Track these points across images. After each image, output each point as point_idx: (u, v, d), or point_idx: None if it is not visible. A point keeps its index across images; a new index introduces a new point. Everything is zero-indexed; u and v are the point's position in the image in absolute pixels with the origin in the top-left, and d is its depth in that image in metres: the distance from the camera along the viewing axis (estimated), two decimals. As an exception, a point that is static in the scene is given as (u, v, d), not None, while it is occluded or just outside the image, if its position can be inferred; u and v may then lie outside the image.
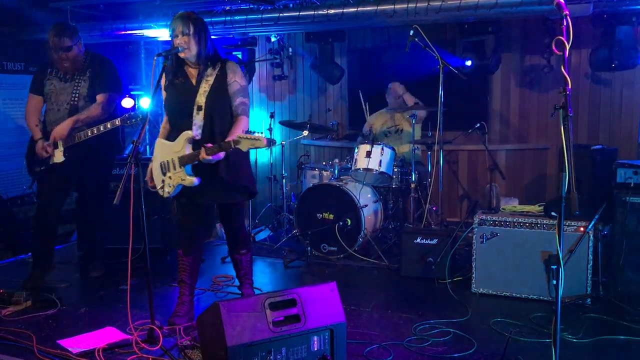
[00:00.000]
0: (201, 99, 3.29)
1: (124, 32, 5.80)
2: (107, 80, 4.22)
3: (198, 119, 3.29)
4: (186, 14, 3.30)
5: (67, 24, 4.18)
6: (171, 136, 3.41)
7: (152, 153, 4.22)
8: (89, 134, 4.05)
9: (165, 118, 3.51)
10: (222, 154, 3.18)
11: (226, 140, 3.19)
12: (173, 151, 3.31)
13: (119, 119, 3.88)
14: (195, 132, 3.28)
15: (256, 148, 3.11)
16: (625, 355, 3.11)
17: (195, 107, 3.29)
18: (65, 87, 4.14)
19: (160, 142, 3.44)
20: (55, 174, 4.15)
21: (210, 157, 3.15)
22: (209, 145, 3.17)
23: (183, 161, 3.26)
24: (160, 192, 3.40)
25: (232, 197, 3.46)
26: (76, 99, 4.13)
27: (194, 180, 3.27)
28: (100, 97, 4.16)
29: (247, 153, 3.47)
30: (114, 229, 4.63)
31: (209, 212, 3.64)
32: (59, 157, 4.10)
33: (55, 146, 4.10)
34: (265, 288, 4.14)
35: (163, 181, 3.37)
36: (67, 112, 4.12)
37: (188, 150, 3.26)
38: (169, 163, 3.34)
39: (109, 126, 3.99)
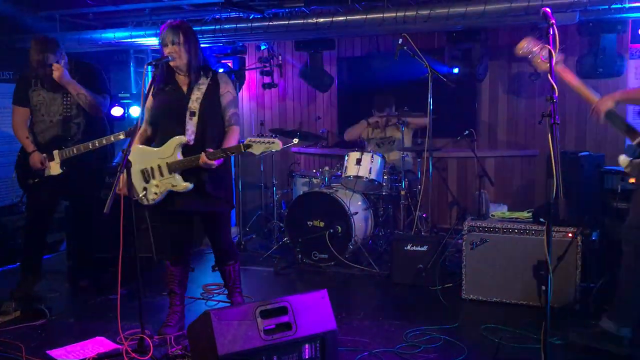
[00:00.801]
0: (194, 105, 3.29)
1: (113, 41, 5.79)
2: (97, 84, 4.20)
3: (191, 124, 3.28)
4: (176, 23, 3.31)
5: (47, 39, 4.08)
6: (155, 142, 3.38)
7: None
8: (90, 147, 4.04)
9: (144, 124, 3.45)
10: (220, 161, 3.19)
11: (230, 145, 3.20)
12: (159, 157, 3.28)
13: (123, 132, 3.89)
14: (189, 137, 3.27)
15: (270, 152, 3.10)
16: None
17: (188, 113, 3.28)
18: (55, 97, 4.11)
19: (139, 148, 3.37)
20: (49, 186, 4.13)
21: (213, 162, 3.15)
22: (210, 150, 3.17)
23: (175, 167, 3.25)
24: (143, 199, 3.33)
25: (216, 206, 3.42)
26: (68, 109, 4.11)
27: (188, 186, 3.25)
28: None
29: (230, 165, 3.49)
30: (104, 238, 4.61)
31: (192, 219, 3.60)
32: (55, 169, 4.08)
33: (51, 158, 4.08)
34: (256, 296, 4.13)
35: (145, 188, 3.32)
36: (61, 123, 4.10)
37: (179, 156, 3.26)
38: (153, 169, 3.30)
39: (112, 139, 3.98)
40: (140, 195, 3.32)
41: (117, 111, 6.08)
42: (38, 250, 4.26)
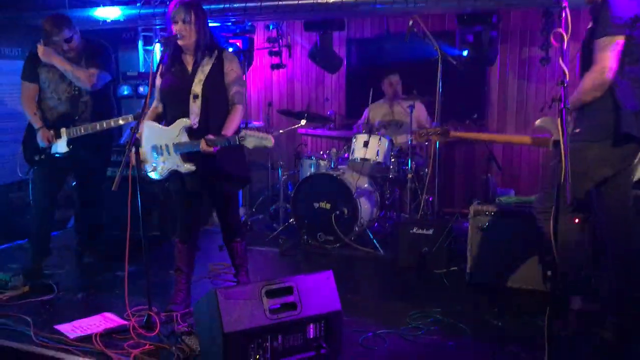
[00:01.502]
0: (197, 88, 3.29)
1: (121, 19, 5.76)
2: (99, 59, 4.18)
3: (195, 107, 3.29)
4: (188, 1, 3.29)
5: (61, 15, 4.10)
6: (164, 121, 3.42)
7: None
8: (97, 128, 4.06)
9: (155, 102, 3.51)
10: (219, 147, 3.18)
11: (227, 133, 3.20)
12: (168, 136, 3.31)
13: (131, 115, 3.91)
14: (193, 120, 3.28)
15: (263, 147, 3.08)
16: (617, 348, 3.14)
17: (191, 96, 3.29)
18: (64, 75, 4.12)
19: (151, 124, 3.41)
20: (55, 163, 4.15)
21: (211, 149, 3.15)
22: (210, 136, 3.16)
23: (180, 148, 3.27)
24: (151, 174, 3.40)
25: (227, 186, 3.46)
26: (75, 87, 4.12)
27: (191, 167, 3.29)
28: (91, 70, 4.13)
29: None
30: (111, 216, 4.66)
31: (204, 199, 3.65)
32: (62, 147, 4.10)
33: (59, 136, 4.10)
34: (261, 276, 4.16)
35: (154, 164, 3.38)
36: (69, 101, 4.12)
37: (184, 138, 3.27)
38: (162, 147, 3.34)
39: (120, 122, 4.01)
40: (150, 170, 3.39)
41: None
42: (46, 227, 4.30)
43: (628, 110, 2.84)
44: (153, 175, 3.41)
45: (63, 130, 4.10)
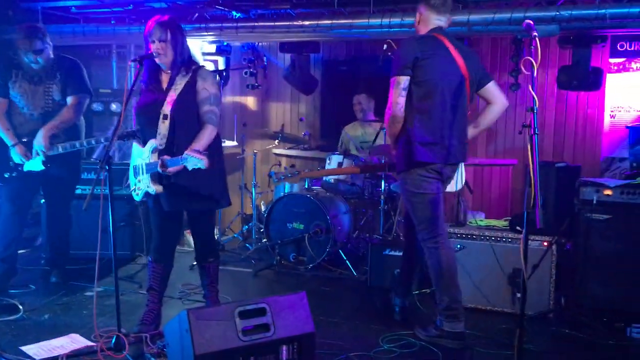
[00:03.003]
0: (167, 108, 3.23)
1: (96, 35, 5.73)
2: (78, 83, 4.18)
3: (163, 128, 3.23)
4: (164, 19, 3.29)
5: (36, 26, 4.08)
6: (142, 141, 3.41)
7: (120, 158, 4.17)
8: (77, 146, 4.04)
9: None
10: (177, 168, 3.07)
11: (194, 150, 3.07)
12: (141, 157, 3.32)
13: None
14: (160, 141, 3.23)
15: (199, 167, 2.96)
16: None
17: (161, 116, 3.24)
18: (38, 90, 4.07)
19: (135, 145, 3.43)
20: (25, 180, 4.08)
21: (168, 170, 3.09)
22: (166, 157, 3.12)
23: (149, 169, 3.26)
24: (134, 194, 3.44)
25: (200, 205, 3.41)
26: (49, 104, 4.08)
27: (158, 188, 3.26)
28: (72, 100, 4.13)
29: (221, 161, 3.47)
30: (80, 235, 4.59)
31: (180, 219, 3.62)
32: (37, 165, 4.03)
33: (34, 153, 4.03)
34: (234, 297, 4.12)
35: (135, 184, 3.40)
36: (41, 117, 4.06)
37: (154, 158, 3.24)
38: (138, 168, 3.36)
39: (102, 140, 4.05)
40: (131, 191, 3.45)
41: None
42: (13, 245, 4.20)
43: (417, 141, 3.24)
44: (134, 196, 3.44)
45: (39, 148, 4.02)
